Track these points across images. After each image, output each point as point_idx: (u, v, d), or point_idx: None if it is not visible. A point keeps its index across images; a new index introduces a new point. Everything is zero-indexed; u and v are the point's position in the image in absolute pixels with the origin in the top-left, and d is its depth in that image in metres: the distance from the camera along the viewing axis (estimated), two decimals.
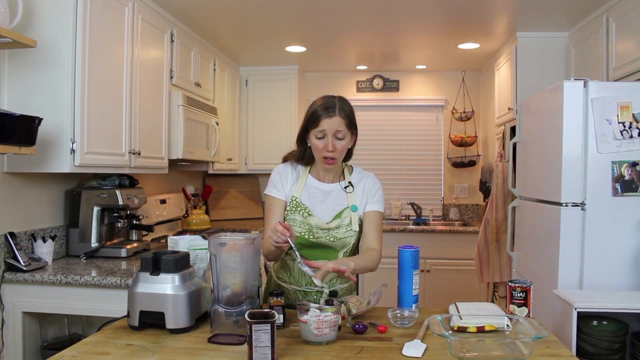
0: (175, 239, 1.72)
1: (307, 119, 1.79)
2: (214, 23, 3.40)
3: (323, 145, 1.75)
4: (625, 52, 2.65)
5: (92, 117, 2.33)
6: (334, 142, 1.74)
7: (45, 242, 2.40)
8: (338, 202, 1.85)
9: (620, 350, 1.99)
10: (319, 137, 1.75)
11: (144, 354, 1.32)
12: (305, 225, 1.80)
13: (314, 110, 1.76)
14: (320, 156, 1.78)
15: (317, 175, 1.88)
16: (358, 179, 1.90)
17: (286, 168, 1.90)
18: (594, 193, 2.29)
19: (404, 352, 1.34)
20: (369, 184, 1.89)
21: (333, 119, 1.73)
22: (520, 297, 1.54)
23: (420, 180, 4.93)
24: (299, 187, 1.85)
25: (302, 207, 1.82)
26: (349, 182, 1.87)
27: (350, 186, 1.87)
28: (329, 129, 1.73)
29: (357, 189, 1.87)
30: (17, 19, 2.02)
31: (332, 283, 1.85)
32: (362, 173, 1.93)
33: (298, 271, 1.84)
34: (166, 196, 3.76)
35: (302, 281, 1.84)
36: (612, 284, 2.26)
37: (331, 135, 1.74)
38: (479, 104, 4.77)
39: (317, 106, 1.77)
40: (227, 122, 4.23)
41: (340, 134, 1.74)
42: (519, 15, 3.19)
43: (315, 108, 1.76)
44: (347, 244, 1.82)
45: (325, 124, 1.73)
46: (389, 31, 3.58)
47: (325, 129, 1.73)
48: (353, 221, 1.82)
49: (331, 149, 1.74)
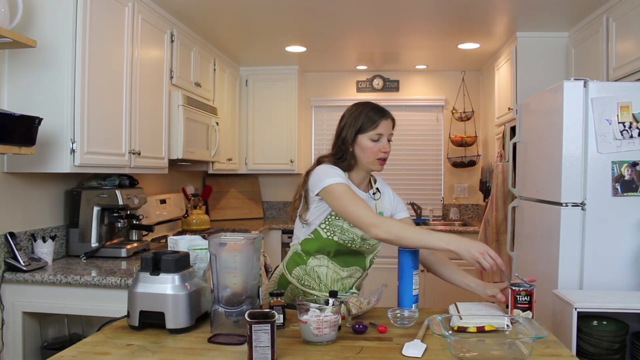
0: (175, 239, 1.72)
1: (359, 123, 1.78)
2: (214, 23, 3.40)
3: (378, 148, 1.79)
4: (625, 52, 2.65)
5: (92, 117, 2.33)
6: (387, 145, 1.81)
7: (45, 242, 2.40)
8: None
9: (620, 350, 1.99)
10: (374, 140, 1.79)
11: (144, 354, 1.32)
12: (350, 234, 1.78)
13: (369, 114, 1.79)
14: (375, 158, 1.80)
15: (355, 181, 1.86)
16: (381, 187, 1.95)
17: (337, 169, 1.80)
18: (594, 193, 2.29)
19: (404, 352, 1.34)
20: (394, 195, 1.97)
21: (389, 120, 1.81)
22: (524, 300, 1.52)
23: (420, 180, 4.93)
24: None
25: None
26: (376, 189, 1.91)
27: (378, 193, 1.91)
28: (386, 131, 1.80)
29: (383, 197, 1.92)
30: (17, 19, 2.02)
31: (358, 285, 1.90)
32: (382, 182, 1.99)
33: (328, 277, 1.82)
34: (166, 196, 3.76)
35: (332, 286, 1.83)
36: (612, 284, 2.26)
37: (387, 137, 1.81)
38: (479, 104, 4.77)
39: (369, 110, 1.81)
40: (227, 122, 4.23)
41: (391, 136, 1.83)
42: (519, 15, 3.19)
43: (369, 112, 1.80)
44: (375, 250, 1.88)
45: (383, 125, 1.79)
46: (389, 31, 3.58)
47: (382, 132, 1.79)
48: None
49: (388, 149, 1.80)
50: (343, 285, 1.84)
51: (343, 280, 1.83)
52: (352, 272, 1.85)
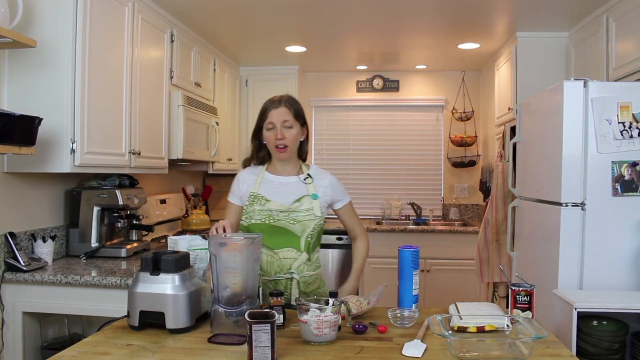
0: (175, 239, 1.72)
1: (259, 117, 1.94)
2: (214, 23, 3.40)
3: (274, 135, 1.88)
4: (625, 52, 2.65)
5: (92, 117, 2.33)
6: (283, 131, 1.88)
7: (45, 242, 2.40)
8: (296, 190, 1.93)
9: (620, 350, 1.99)
10: (269, 129, 1.90)
11: (144, 354, 1.32)
12: (264, 212, 1.88)
13: (263, 107, 1.94)
14: (273, 146, 1.90)
15: (274, 170, 1.99)
16: (317, 174, 2.00)
17: (244, 174, 2.00)
18: (594, 193, 2.29)
19: (404, 352, 1.34)
20: (333, 182, 2.00)
21: (279, 109, 1.89)
22: (524, 300, 1.52)
23: (420, 180, 4.93)
24: (257, 183, 1.95)
25: (260, 197, 1.91)
26: (307, 174, 1.97)
27: (309, 177, 1.96)
28: (277, 119, 1.88)
29: (317, 182, 1.96)
30: (17, 19, 2.02)
31: (300, 269, 1.90)
32: (320, 170, 2.04)
33: (266, 262, 1.89)
34: (166, 196, 3.76)
35: (271, 271, 1.89)
36: (612, 284, 2.26)
37: (280, 125, 1.88)
38: (479, 104, 4.77)
39: (265, 102, 1.95)
40: (227, 122, 4.23)
41: (287, 122, 1.89)
42: (519, 15, 3.19)
43: (264, 104, 1.94)
44: (307, 228, 1.88)
45: (273, 114, 1.89)
46: (389, 31, 3.58)
47: (273, 120, 1.88)
48: (315, 207, 1.90)
49: (280, 136, 1.87)
50: (280, 267, 1.88)
51: (280, 261, 1.88)
52: (286, 254, 1.89)
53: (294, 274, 1.87)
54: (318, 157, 5.04)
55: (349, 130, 5.02)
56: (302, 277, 1.89)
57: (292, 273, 1.87)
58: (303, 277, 1.89)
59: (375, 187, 4.94)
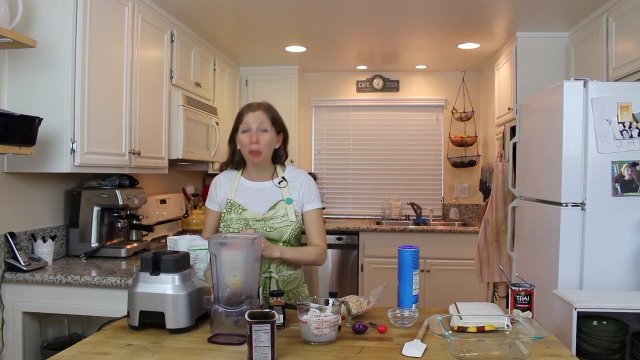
0: (175, 239, 1.72)
1: (235, 121, 1.94)
2: (214, 23, 3.40)
3: (248, 138, 1.87)
4: (625, 52, 2.65)
5: (92, 117, 2.33)
6: (258, 134, 1.87)
7: (45, 242, 2.40)
8: (271, 196, 1.93)
9: (620, 350, 1.99)
10: (244, 131, 1.89)
11: (144, 354, 1.32)
12: (241, 221, 1.88)
13: (239, 110, 1.95)
14: (247, 150, 1.89)
15: (249, 175, 1.98)
16: (291, 176, 1.98)
17: (220, 178, 2.01)
18: (594, 193, 2.29)
19: (404, 352, 1.34)
20: (304, 183, 1.97)
21: (256, 112, 1.90)
22: (524, 300, 1.53)
23: (420, 180, 4.93)
24: (233, 189, 1.96)
25: (236, 206, 1.91)
26: (282, 178, 1.96)
27: (284, 181, 1.95)
28: (252, 122, 1.88)
29: (291, 184, 1.95)
30: (17, 19, 2.02)
31: (278, 269, 1.91)
32: (296, 170, 2.03)
33: None
34: (166, 196, 3.76)
35: None
36: (612, 284, 2.26)
37: (255, 128, 1.87)
38: (479, 104, 4.77)
39: (242, 106, 1.97)
40: (227, 122, 4.21)
41: (263, 126, 1.88)
42: (519, 15, 3.19)
43: (240, 108, 1.96)
44: (284, 234, 1.89)
45: (249, 117, 1.89)
46: (389, 31, 3.58)
47: (249, 122, 1.88)
48: (289, 212, 1.90)
49: (254, 140, 1.86)
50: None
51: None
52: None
53: (272, 273, 1.89)
54: (318, 157, 5.04)
55: (349, 130, 5.02)
56: (281, 277, 1.91)
57: (270, 272, 1.89)
58: (282, 276, 1.91)
59: (375, 187, 4.94)
